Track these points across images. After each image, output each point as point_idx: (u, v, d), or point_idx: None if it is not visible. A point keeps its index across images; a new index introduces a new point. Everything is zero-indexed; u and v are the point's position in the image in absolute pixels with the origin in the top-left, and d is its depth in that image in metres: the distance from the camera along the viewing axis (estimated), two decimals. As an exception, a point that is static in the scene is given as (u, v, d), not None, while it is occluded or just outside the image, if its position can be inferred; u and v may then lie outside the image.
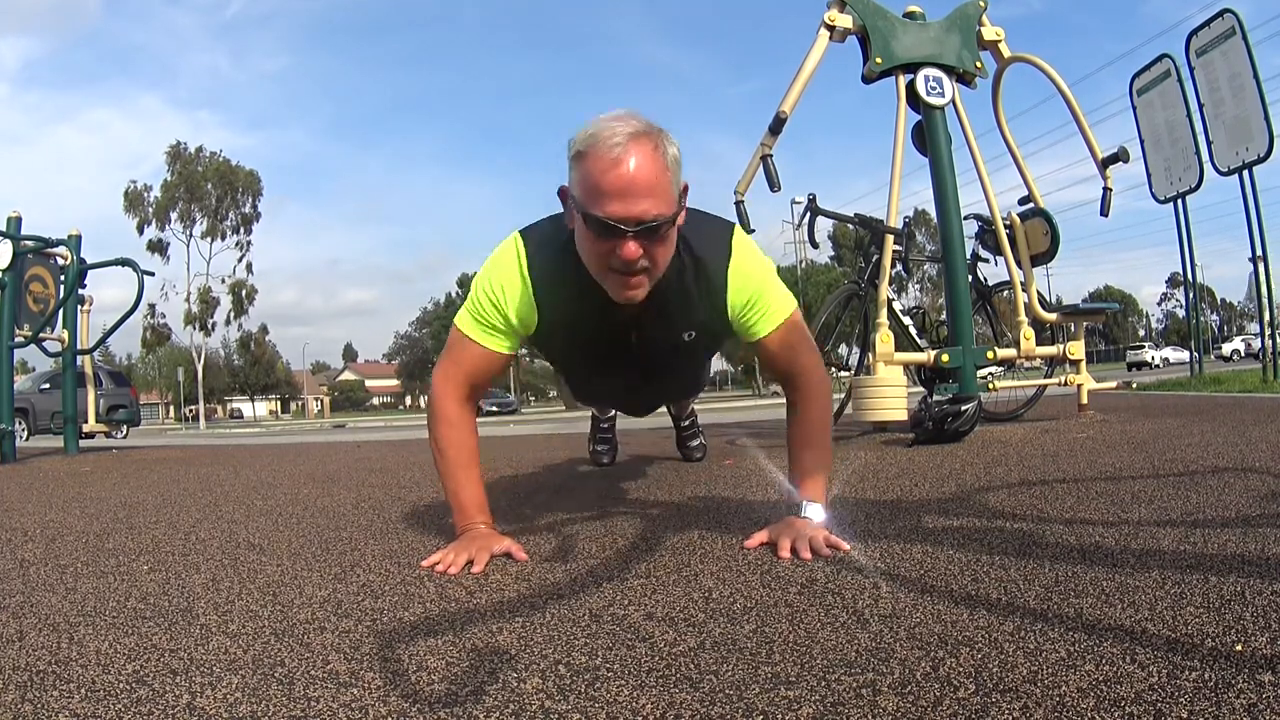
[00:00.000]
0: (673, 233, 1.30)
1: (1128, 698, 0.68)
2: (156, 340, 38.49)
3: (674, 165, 1.26)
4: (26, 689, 0.85)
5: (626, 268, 1.26)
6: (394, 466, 3.38)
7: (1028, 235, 3.66)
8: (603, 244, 1.25)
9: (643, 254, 1.25)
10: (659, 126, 1.27)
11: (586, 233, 1.27)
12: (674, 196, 1.26)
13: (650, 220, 1.22)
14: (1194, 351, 7.88)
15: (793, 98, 3.29)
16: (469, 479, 1.48)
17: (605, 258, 1.27)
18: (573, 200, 1.28)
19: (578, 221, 1.28)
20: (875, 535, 1.43)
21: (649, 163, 1.21)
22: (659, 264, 1.30)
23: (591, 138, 1.22)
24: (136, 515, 2.20)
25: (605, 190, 1.20)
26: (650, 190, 1.21)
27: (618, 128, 1.21)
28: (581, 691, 0.78)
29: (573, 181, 1.27)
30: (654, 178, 1.22)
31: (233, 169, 36.96)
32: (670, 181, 1.25)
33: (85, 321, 5.44)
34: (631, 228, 1.22)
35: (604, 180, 1.20)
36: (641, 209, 1.21)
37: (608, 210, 1.21)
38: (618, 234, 1.22)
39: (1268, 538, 1.19)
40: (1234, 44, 5.86)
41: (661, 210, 1.23)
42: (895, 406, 3.31)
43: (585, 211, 1.24)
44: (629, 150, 1.20)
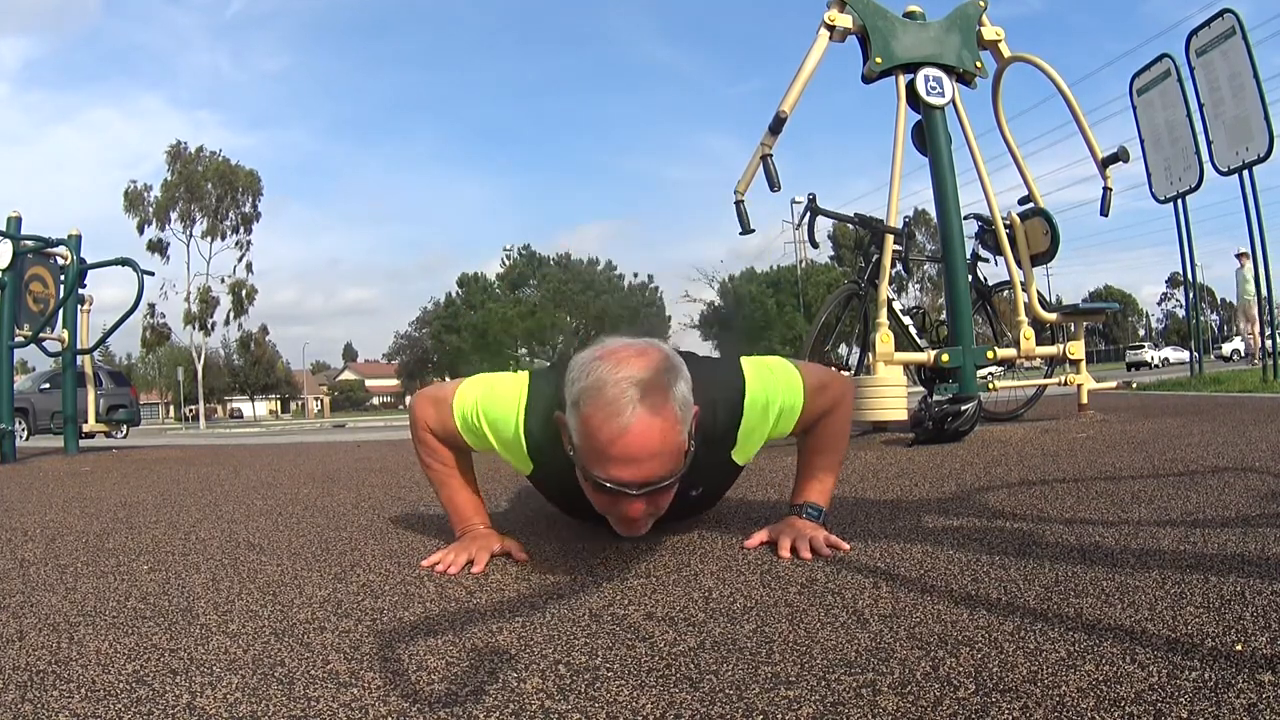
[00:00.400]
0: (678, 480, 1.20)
1: (1128, 697, 0.68)
2: (156, 340, 38.44)
3: (682, 413, 1.15)
4: (26, 689, 0.85)
5: (630, 520, 1.20)
6: (394, 466, 3.38)
7: (1028, 235, 3.66)
8: (606, 498, 1.18)
9: (648, 505, 1.18)
10: (666, 363, 1.15)
11: (590, 486, 1.18)
12: (683, 446, 1.16)
13: (657, 481, 1.14)
14: (1194, 351, 7.88)
15: (793, 97, 3.29)
16: (462, 484, 1.48)
17: (609, 508, 1.21)
18: (572, 448, 1.18)
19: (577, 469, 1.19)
20: (875, 535, 1.43)
21: (657, 427, 1.10)
22: (665, 507, 1.23)
23: (594, 393, 1.11)
24: (136, 515, 2.20)
25: (610, 457, 1.11)
26: (657, 453, 1.11)
27: (623, 386, 1.09)
28: (581, 691, 0.78)
29: (572, 427, 1.16)
30: (662, 441, 1.11)
31: (233, 169, 36.92)
32: (678, 434, 1.14)
33: (85, 321, 5.44)
34: (637, 490, 1.14)
35: (608, 448, 1.10)
36: (648, 472, 1.12)
37: (612, 475, 1.12)
38: (623, 495, 1.14)
39: (1268, 538, 1.19)
40: (1234, 44, 5.85)
41: (670, 469, 1.15)
42: (895, 406, 3.30)
43: (587, 471, 1.15)
44: (635, 416, 1.09)
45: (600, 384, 1.11)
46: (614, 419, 1.09)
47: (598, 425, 1.10)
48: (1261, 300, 6.35)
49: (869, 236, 3.64)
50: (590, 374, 1.12)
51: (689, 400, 1.17)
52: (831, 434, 1.45)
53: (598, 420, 1.10)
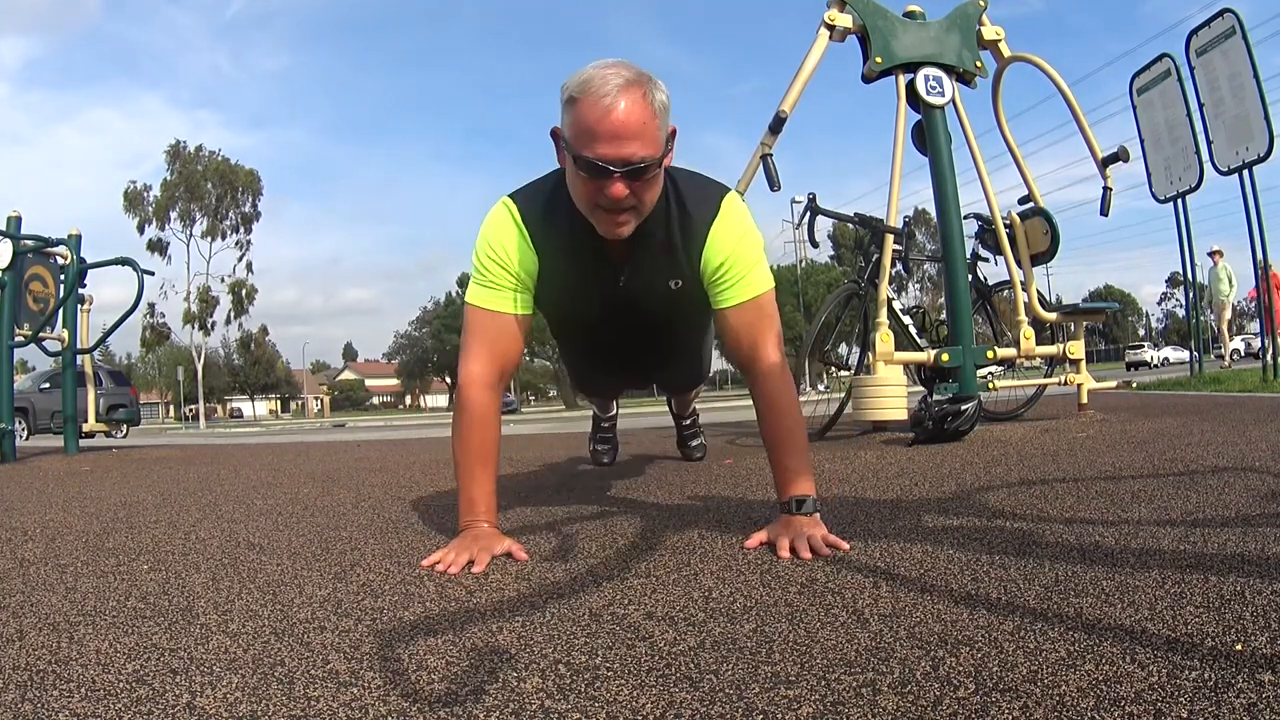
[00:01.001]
0: (659, 174, 1.38)
1: (1128, 697, 0.68)
2: (156, 340, 38.45)
3: (662, 111, 1.32)
4: (26, 688, 0.85)
5: (614, 205, 1.34)
6: (394, 466, 3.38)
7: (1027, 234, 3.66)
8: (592, 184, 1.33)
9: (629, 193, 1.32)
10: (648, 74, 1.33)
11: (577, 173, 1.34)
12: (660, 140, 1.33)
13: (637, 162, 1.30)
14: (1194, 351, 7.88)
15: (793, 97, 3.29)
16: (483, 476, 1.48)
17: (594, 196, 1.34)
18: (564, 142, 1.35)
19: (568, 162, 1.36)
20: (875, 535, 1.43)
21: (637, 108, 1.28)
22: (645, 203, 1.38)
23: (584, 84, 1.28)
24: (136, 514, 2.20)
25: (596, 134, 1.27)
26: (638, 134, 1.28)
27: (609, 75, 1.27)
28: (581, 691, 0.78)
29: (565, 124, 1.33)
30: (642, 123, 1.28)
31: (232, 168, 36.92)
32: (657, 126, 1.31)
33: (85, 321, 5.43)
34: (619, 168, 1.29)
35: (595, 125, 1.27)
36: (629, 151, 1.28)
37: (597, 152, 1.28)
38: (606, 174, 1.30)
39: (1268, 537, 1.19)
40: (1234, 43, 5.85)
41: (648, 152, 1.30)
42: (895, 406, 3.31)
43: (576, 153, 1.31)
44: (619, 97, 1.26)
45: (589, 76, 1.29)
46: (601, 100, 1.27)
47: (586, 107, 1.27)
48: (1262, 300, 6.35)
49: (869, 236, 3.65)
50: (581, 74, 1.30)
51: (667, 106, 1.34)
52: (785, 415, 1.48)
53: (586, 103, 1.27)
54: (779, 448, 1.48)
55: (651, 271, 1.52)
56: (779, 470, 1.47)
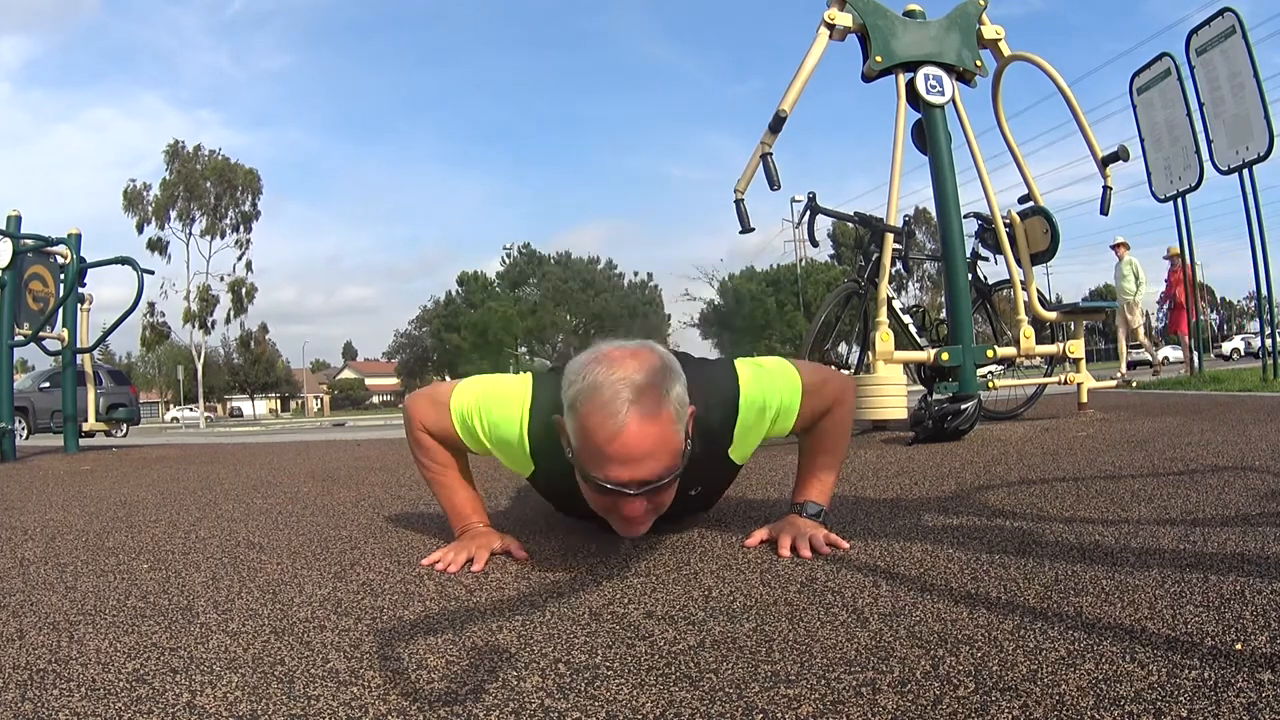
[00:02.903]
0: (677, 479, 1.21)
1: (1127, 696, 0.68)
2: (156, 339, 38.40)
3: (678, 412, 1.16)
4: (26, 688, 0.85)
5: (631, 520, 1.20)
6: (394, 465, 3.38)
7: (1027, 233, 3.66)
8: (605, 498, 1.18)
9: (647, 504, 1.19)
10: (661, 364, 1.16)
11: (588, 488, 1.19)
12: (679, 445, 1.17)
13: (655, 481, 1.15)
14: (1194, 350, 7.88)
15: (793, 96, 3.29)
16: (460, 484, 1.48)
17: (608, 509, 1.21)
18: (569, 448, 1.19)
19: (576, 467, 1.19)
20: (875, 534, 1.43)
21: (653, 425, 1.11)
22: (664, 505, 1.23)
23: (590, 395, 1.12)
24: (136, 514, 2.20)
25: (608, 457, 1.12)
26: (654, 453, 1.13)
27: (619, 388, 1.11)
28: (581, 690, 0.78)
29: (570, 429, 1.17)
30: (658, 440, 1.12)
31: (232, 167, 36.89)
32: (675, 432, 1.15)
33: (85, 320, 5.43)
34: (636, 490, 1.14)
35: (605, 448, 1.11)
36: (646, 472, 1.13)
37: (610, 475, 1.13)
38: (622, 495, 1.15)
39: (1267, 537, 1.19)
40: (1234, 43, 5.85)
41: (667, 468, 1.15)
42: (895, 405, 3.31)
43: (585, 472, 1.16)
44: (632, 416, 1.10)
45: (596, 386, 1.12)
46: (610, 420, 1.10)
47: (594, 426, 1.11)
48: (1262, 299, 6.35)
49: (869, 235, 3.65)
50: (586, 376, 1.13)
51: (685, 400, 1.18)
52: (832, 433, 1.45)
53: (594, 421, 1.11)
54: (817, 455, 1.45)
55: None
56: (805, 475, 1.46)
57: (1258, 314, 7.41)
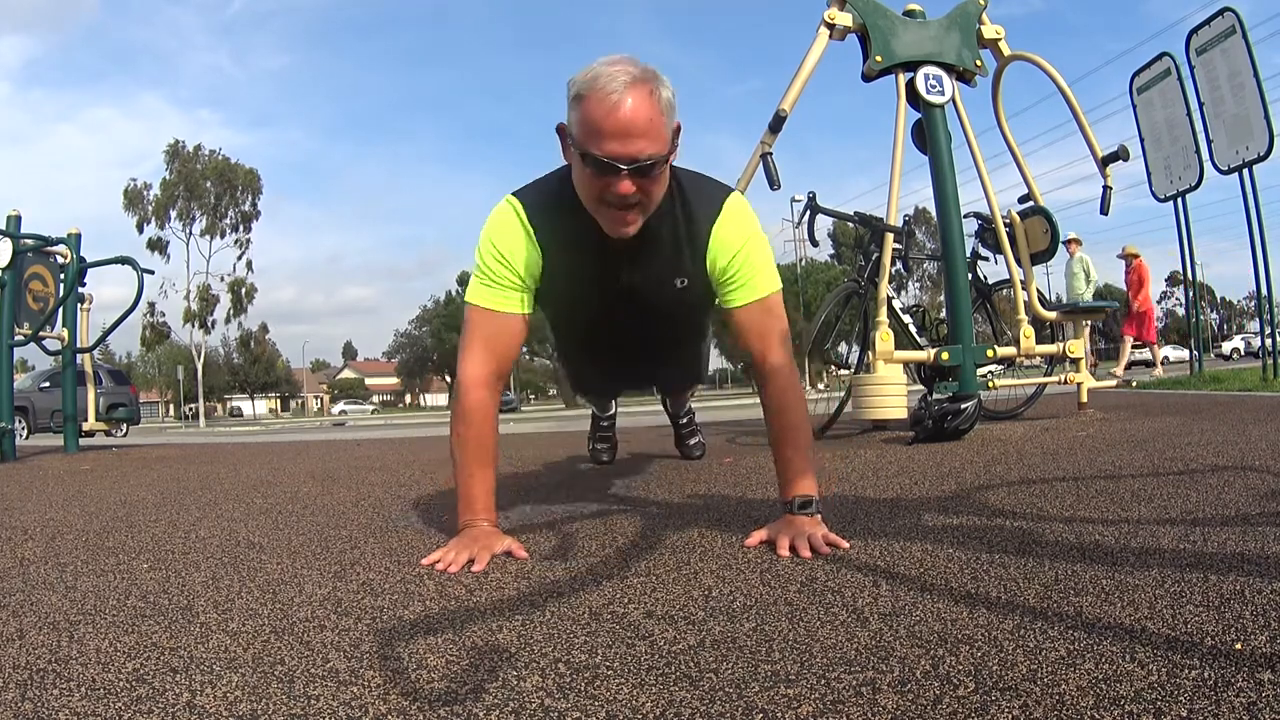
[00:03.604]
0: (665, 172, 1.38)
1: (1127, 696, 0.68)
2: (156, 338, 38.43)
3: (668, 108, 1.33)
4: (26, 687, 0.85)
5: (621, 202, 1.34)
6: (394, 464, 3.38)
7: (1027, 233, 3.66)
8: (600, 180, 1.32)
9: (636, 189, 1.33)
10: (655, 70, 1.33)
11: (584, 170, 1.34)
12: (667, 137, 1.33)
13: (645, 159, 1.30)
14: (1194, 350, 7.88)
15: (792, 96, 3.29)
16: (483, 475, 1.48)
17: (601, 193, 1.34)
18: (571, 139, 1.34)
19: (575, 159, 1.36)
20: (875, 533, 1.43)
21: (645, 106, 1.28)
22: (651, 200, 1.38)
23: (591, 82, 1.28)
24: (136, 513, 2.20)
25: (604, 131, 1.27)
26: (645, 131, 1.28)
27: (616, 73, 1.27)
28: (581, 690, 0.78)
29: (571, 121, 1.33)
30: (649, 120, 1.29)
31: (231, 167, 36.92)
32: (664, 123, 1.32)
33: (85, 320, 5.43)
34: (627, 165, 1.29)
35: (602, 122, 1.27)
36: (637, 148, 1.28)
37: (605, 149, 1.28)
38: (614, 171, 1.30)
39: (1267, 536, 1.19)
40: (1234, 42, 5.85)
41: (655, 150, 1.31)
42: (895, 404, 3.31)
43: (584, 150, 1.31)
44: (626, 94, 1.27)
45: (596, 73, 1.29)
46: (608, 97, 1.26)
47: (594, 104, 1.27)
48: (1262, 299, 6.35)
49: (869, 235, 3.65)
50: (588, 71, 1.30)
51: (673, 104, 1.34)
52: (791, 416, 1.48)
53: (594, 100, 1.27)
54: (783, 446, 1.48)
55: (655, 268, 1.51)
56: (782, 469, 1.47)
57: (1258, 314, 7.41)
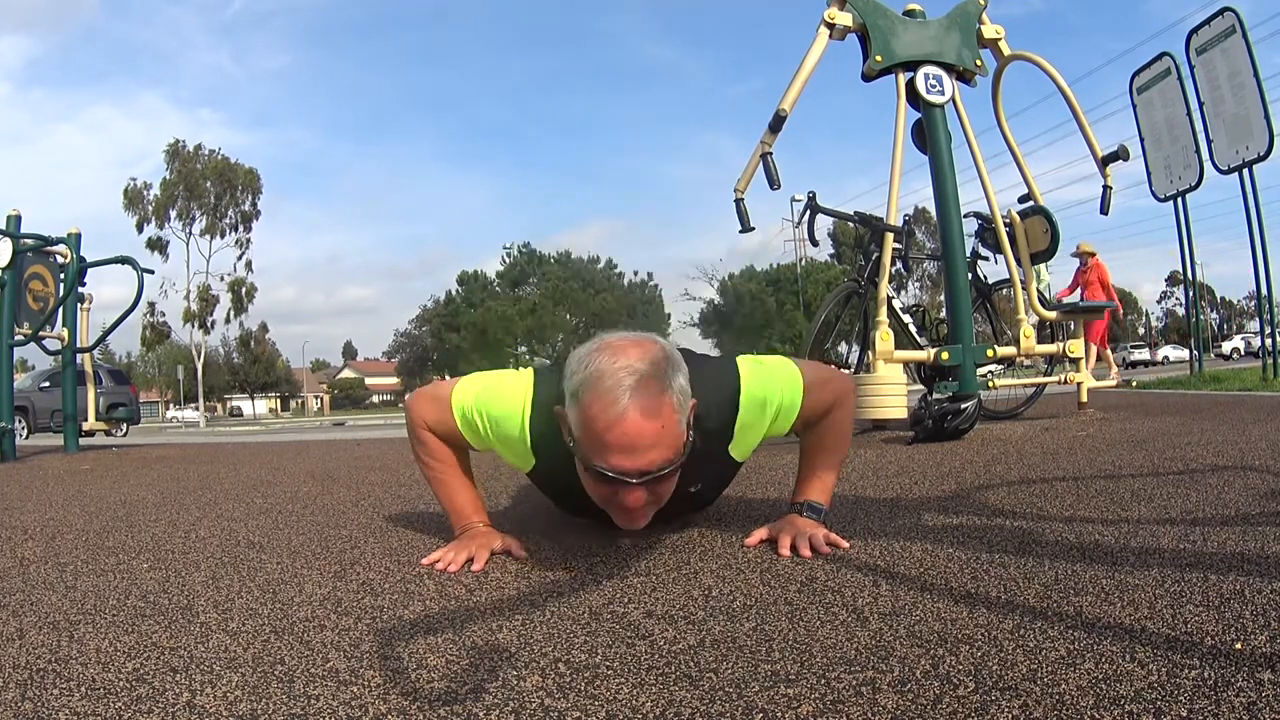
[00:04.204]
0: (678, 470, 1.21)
1: (1127, 696, 0.68)
2: (156, 338, 38.40)
3: (680, 402, 1.16)
4: (26, 687, 0.85)
5: (631, 510, 1.20)
6: (393, 464, 3.38)
7: (1027, 233, 3.66)
8: (607, 488, 1.18)
9: (648, 494, 1.19)
10: (663, 354, 1.17)
11: (588, 477, 1.20)
12: (681, 437, 1.17)
13: (656, 470, 1.15)
14: (1194, 350, 7.88)
15: (793, 95, 3.29)
16: (461, 483, 1.48)
17: (608, 498, 1.20)
18: (571, 440, 1.19)
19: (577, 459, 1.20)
20: (875, 533, 1.43)
21: (655, 414, 1.12)
22: (665, 497, 1.23)
23: (593, 383, 1.12)
24: (136, 513, 2.20)
25: (609, 445, 1.12)
26: (656, 442, 1.13)
27: (621, 376, 1.11)
28: (581, 689, 0.78)
29: (572, 419, 1.17)
30: (660, 429, 1.12)
31: (231, 167, 36.89)
32: (676, 422, 1.16)
33: (85, 319, 5.43)
34: (636, 479, 1.14)
35: (607, 436, 1.11)
36: (647, 461, 1.13)
37: (611, 464, 1.13)
38: (622, 484, 1.16)
39: (1267, 536, 1.19)
40: (1234, 42, 5.86)
41: (668, 458, 1.15)
42: (895, 404, 3.31)
43: (587, 461, 1.16)
44: (633, 403, 1.10)
45: (599, 374, 1.12)
46: (612, 407, 1.10)
47: (596, 414, 1.11)
48: (1262, 299, 6.35)
49: (869, 234, 3.65)
50: (589, 365, 1.14)
51: (687, 391, 1.18)
52: (832, 432, 1.45)
53: (596, 409, 1.11)
54: (817, 455, 1.45)
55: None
56: (805, 474, 1.46)
57: (1258, 314, 7.41)
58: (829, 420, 1.44)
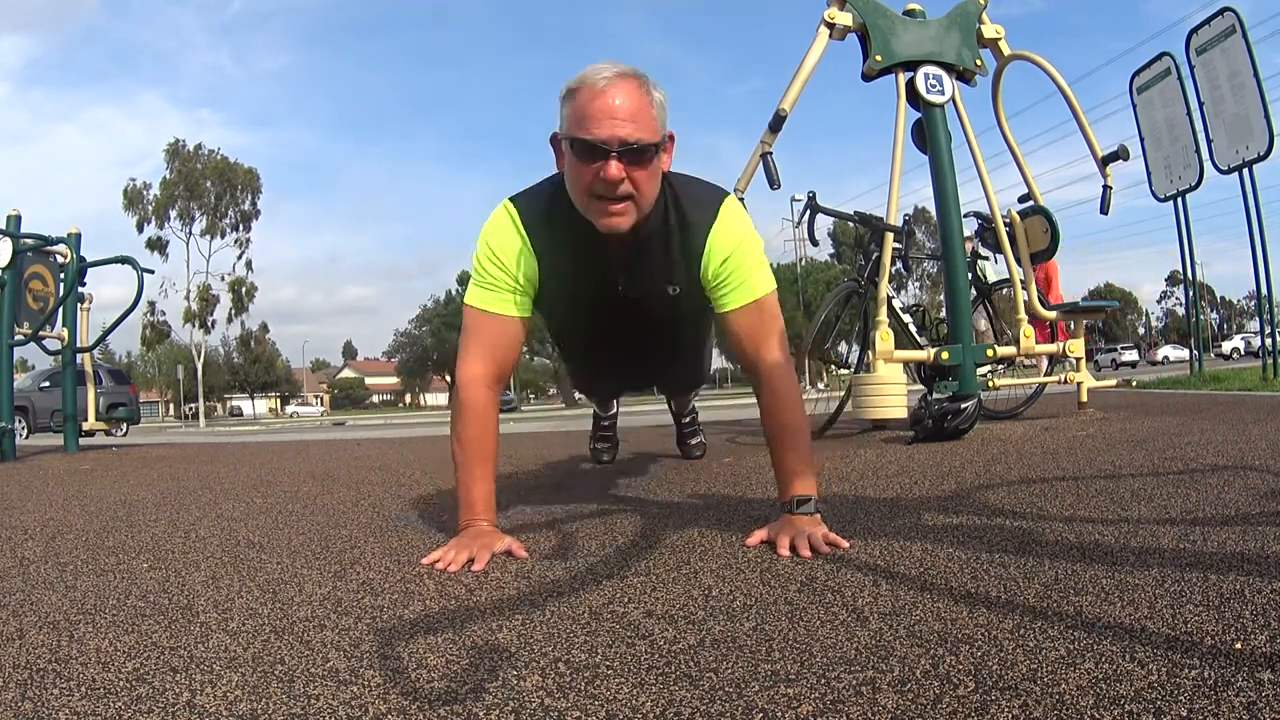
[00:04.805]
0: (656, 164, 1.35)
1: (1127, 695, 0.68)
2: (156, 338, 38.40)
3: (659, 105, 1.33)
4: (26, 687, 0.85)
5: (610, 190, 1.31)
6: (393, 464, 3.38)
7: (1027, 233, 3.66)
8: (588, 168, 1.30)
9: (625, 177, 1.30)
10: (646, 73, 1.33)
11: (573, 160, 1.32)
12: (657, 129, 1.32)
13: (633, 142, 1.28)
14: (1194, 349, 7.88)
15: (793, 95, 3.29)
16: (483, 475, 1.48)
17: (591, 182, 1.31)
18: (561, 134, 1.35)
19: (565, 153, 1.35)
20: (875, 533, 1.43)
21: (634, 93, 1.28)
22: (642, 193, 1.35)
23: (581, 77, 1.30)
24: (136, 513, 2.20)
25: (591, 115, 1.27)
26: (633, 116, 1.27)
27: (604, 67, 1.30)
28: (581, 689, 0.78)
29: (562, 119, 1.33)
30: (637, 107, 1.28)
31: (231, 166, 36.88)
32: (654, 115, 1.31)
33: (85, 319, 5.43)
34: (614, 148, 1.27)
35: (590, 107, 1.27)
36: (625, 131, 1.27)
37: (592, 132, 1.27)
38: (601, 154, 1.28)
39: (1267, 536, 1.19)
40: (1234, 42, 5.85)
41: (644, 135, 1.29)
42: (895, 404, 3.31)
43: (572, 137, 1.30)
44: (614, 82, 1.28)
45: (586, 71, 1.31)
46: (596, 83, 1.28)
47: (582, 95, 1.28)
48: (1262, 299, 6.35)
49: (869, 234, 3.65)
50: (580, 72, 1.31)
51: (664, 104, 1.34)
52: (789, 417, 1.47)
53: (582, 92, 1.28)
54: (781, 447, 1.48)
55: (650, 276, 1.51)
56: (781, 469, 1.47)
57: (1258, 313, 7.41)
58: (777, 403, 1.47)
